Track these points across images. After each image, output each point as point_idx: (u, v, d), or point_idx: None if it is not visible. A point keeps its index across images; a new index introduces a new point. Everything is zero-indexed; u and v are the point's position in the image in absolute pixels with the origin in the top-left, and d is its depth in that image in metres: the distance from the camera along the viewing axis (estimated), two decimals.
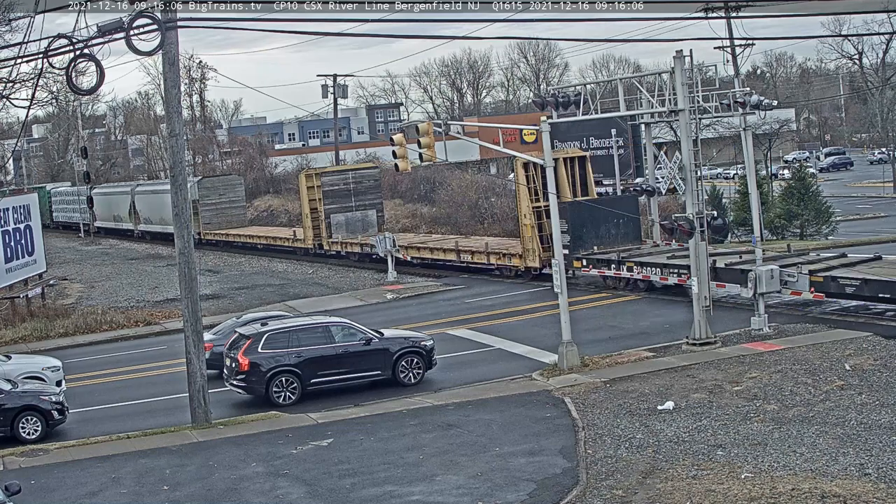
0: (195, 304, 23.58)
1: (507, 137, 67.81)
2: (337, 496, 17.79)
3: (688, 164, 27.11)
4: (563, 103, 28.91)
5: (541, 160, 26.59)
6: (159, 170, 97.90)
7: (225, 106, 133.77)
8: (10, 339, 36.30)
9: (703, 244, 27.25)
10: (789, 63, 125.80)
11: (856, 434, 18.56)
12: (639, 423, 20.51)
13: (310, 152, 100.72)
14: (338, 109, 78.96)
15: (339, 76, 74.61)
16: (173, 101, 23.51)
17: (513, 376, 25.84)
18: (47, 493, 19.10)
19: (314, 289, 44.41)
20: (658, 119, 31.07)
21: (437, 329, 31.88)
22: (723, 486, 16.48)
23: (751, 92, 28.94)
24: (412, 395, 24.82)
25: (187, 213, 23.65)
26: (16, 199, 42.52)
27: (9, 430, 23.22)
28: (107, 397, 27.75)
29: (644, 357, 26.17)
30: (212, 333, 28.61)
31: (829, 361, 23.74)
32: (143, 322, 38.83)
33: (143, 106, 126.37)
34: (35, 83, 32.23)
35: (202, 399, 23.28)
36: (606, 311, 33.84)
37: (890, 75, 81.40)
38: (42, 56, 21.66)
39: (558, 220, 26.94)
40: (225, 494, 18.36)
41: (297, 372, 25.18)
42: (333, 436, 21.47)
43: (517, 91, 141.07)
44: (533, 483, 17.60)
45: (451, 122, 31.76)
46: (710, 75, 36.61)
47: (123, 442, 22.34)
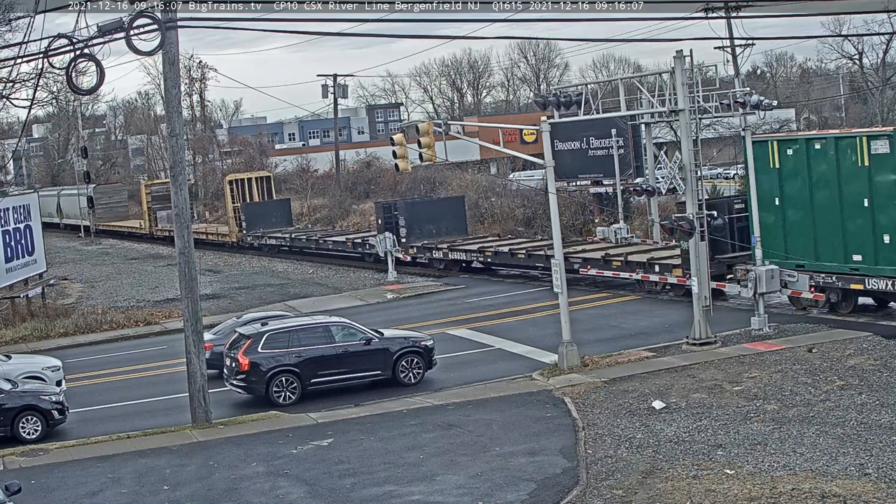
0: (195, 303, 23.59)
1: (507, 137, 67.74)
2: (337, 496, 17.80)
3: (688, 164, 27.11)
4: (564, 103, 28.88)
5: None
6: (159, 169, 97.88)
7: (225, 106, 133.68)
8: (10, 339, 36.28)
9: (704, 244, 27.26)
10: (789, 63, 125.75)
11: (856, 434, 18.57)
12: (639, 422, 20.51)
13: (310, 152, 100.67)
14: (338, 109, 79.04)
15: (339, 76, 74.74)
16: (173, 101, 23.51)
17: (513, 376, 25.85)
18: (47, 493, 19.10)
19: (314, 289, 44.41)
20: (658, 119, 31.07)
21: (437, 329, 31.88)
22: (723, 486, 16.49)
23: (751, 92, 28.88)
24: (412, 394, 24.83)
25: (187, 213, 23.66)
26: (16, 199, 42.53)
27: (9, 430, 23.21)
28: (107, 397, 27.75)
29: (644, 357, 26.18)
30: (212, 333, 28.61)
31: (829, 361, 23.75)
32: (144, 322, 38.81)
33: (143, 106, 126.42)
34: (35, 83, 32.27)
35: (202, 399, 23.28)
36: (606, 310, 33.86)
37: (890, 75, 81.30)
38: (42, 56, 21.66)
39: (558, 219, 26.95)
40: (225, 494, 18.36)
41: (297, 372, 25.18)
42: (333, 436, 21.47)
43: (517, 91, 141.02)
44: (533, 483, 17.60)
45: (451, 122, 31.78)
46: (710, 75, 36.56)
47: (123, 442, 22.34)
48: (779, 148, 30.10)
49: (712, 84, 29.20)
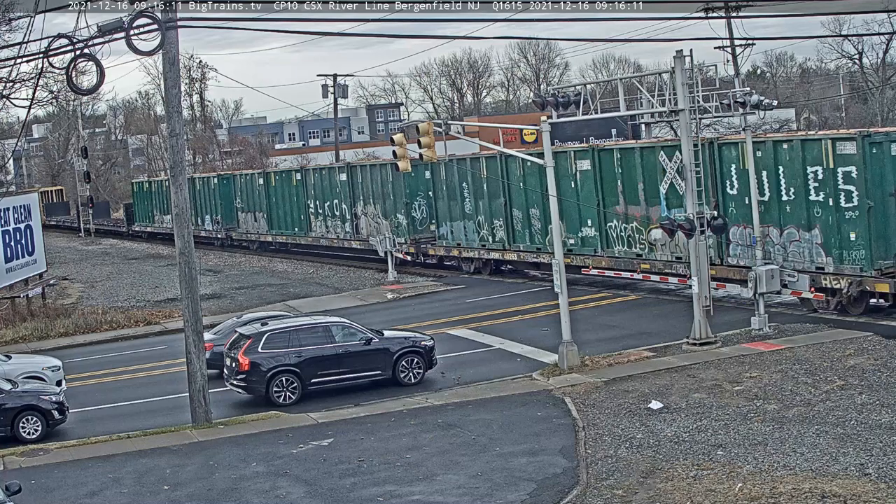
0: (195, 303, 23.59)
1: (507, 137, 67.78)
2: (337, 496, 17.80)
3: (688, 164, 27.11)
4: (563, 103, 28.84)
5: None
6: (159, 169, 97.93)
7: (225, 106, 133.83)
8: (10, 339, 36.27)
9: (703, 244, 27.26)
10: (789, 63, 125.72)
11: (856, 434, 18.56)
12: (639, 422, 20.52)
13: (310, 152, 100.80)
14: (338, 109, 79.00)
15: (339, 76, 74.66)
16: (173, 101, 23.51)
17: (513, 376, 25.85)
18: (47, 493, 19.11)
19: (314, 288, 44.41)
20: (658, 119, 31.02)
21: (437, 329, 31.87)
22: (723, 485, 16.49)
23: (751, 92, 28.84)
24: (412, 394, 24.83)
25: (187, 213, 23.66)
26: (16, 199, 42.52)
27: (9, 430, 23.22)
28: (107, 397, 27.76)
29: (644, 357, 26.18)
30: (212, 333, 28.61)
31: (829, 361, 23.75)
32: (144, 322, 38.80)
33: (143, 106, 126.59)
34: (35, 83, 32.23)
35: (202, 399, 23.28)
36: (606, 310, 33.85)
37: (890, 75, 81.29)
38: (42, 56, 21.67)
39: (558, 220, 26.96)
40: (225, 494, 18.37)
41: (298, 372, 25.18)
42: (334, 435, 21.48)
43: (517, 91, 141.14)
44: (533, 483, 17.61)
45: (451, 121, 31.78)
46: (710, 75, 36.55)
47: (123, 442, 22.35)
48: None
49: (712, 84, 29.16)
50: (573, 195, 36.50)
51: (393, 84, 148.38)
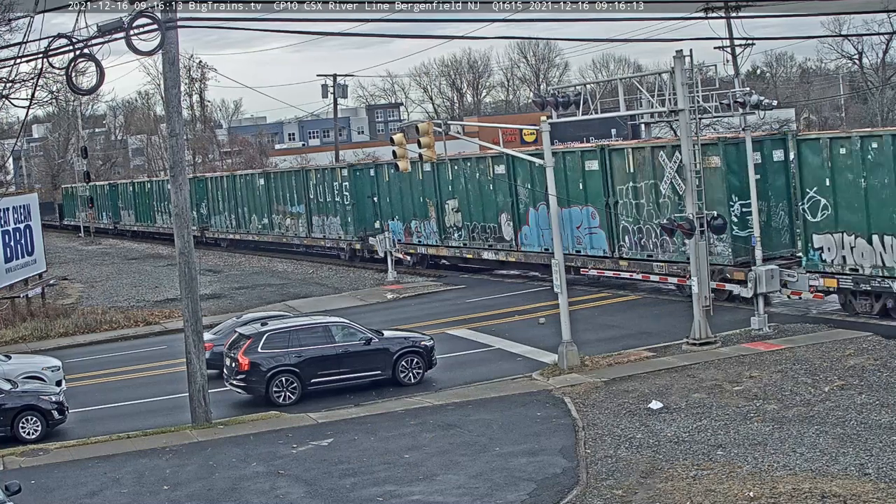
0: (195, 303, 23.59)
1: (507, 137, 67.81)
2: (337, 496, 17.80)
3: (688, 164, 27.11)
4: (562, 103, 28.83)
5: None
6: (159, 169, 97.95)
7: (225, 106, 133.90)
8: (10, 339, 36.27)
9: (703, 244, 27.25)
10: (789, 63, 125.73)
11: (856, 434, 18.57)
12: (639, 422, 20.52)
13: (310, 152, 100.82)
14: (338, 109, 78.98)
15: (339, 76, 74.62)
16: (173, 101, 23.51)
17: (513, 376, 25.85)
18: (47, 493, 19.11)
19: (314, 288, 44.41)
20: (658, 119, 31.02)
21: (437, 329, 31.88)
22: (723, 486, 16.49)
23: (751, 92, 28.84)
24: (412, 394, 24.83)
25: (187, 213, 23.66)
26: (16, 199, 42.52)
27: (9, 430, 23.22)
28: (107, 397, 27.76)
29: (644, 357, 26.18)
30: (212, 333, 28.61)
31: (829, 361, 23.75)
32: (144, 322, 38.80)
33: (143, 106, 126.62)
34: (35, 83, 32.22)
35: (202, 399, 23.28)
36: (606, 310, 33.86)
37: (890, 75, 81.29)
38: (42, 56, 21.66)
39: (557, 220, 26.96)
40: (225, 494, 18.37)
41: (297, 372, 25.18)
42: (333, 435, 21.48)
43: (517, 91, 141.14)
44: (533, 483, 17.61)
45: (451, 121, 31.75)
46: (710, 75, 36.54)
47: (123, 442, 22.35)
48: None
49: (712, 84, 29.15)
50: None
51: (393, 84, 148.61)
